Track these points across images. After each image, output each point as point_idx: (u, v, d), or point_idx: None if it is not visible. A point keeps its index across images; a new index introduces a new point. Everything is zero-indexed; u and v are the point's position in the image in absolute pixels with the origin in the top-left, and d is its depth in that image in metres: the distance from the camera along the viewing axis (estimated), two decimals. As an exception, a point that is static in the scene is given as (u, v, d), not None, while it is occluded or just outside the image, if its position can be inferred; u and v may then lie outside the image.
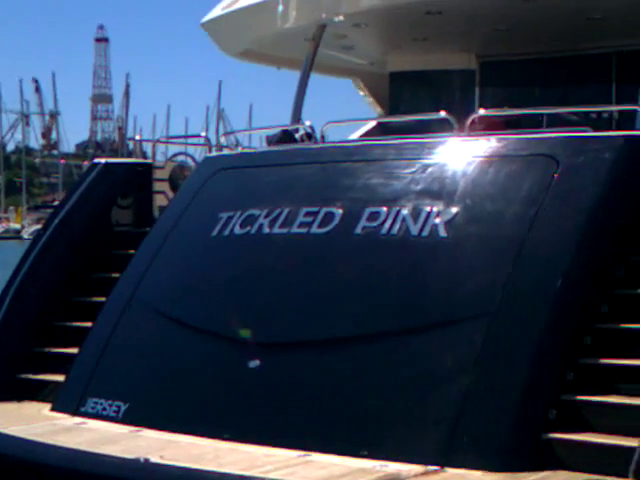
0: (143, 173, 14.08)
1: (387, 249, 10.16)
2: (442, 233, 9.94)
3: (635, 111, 10.99)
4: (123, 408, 10.25)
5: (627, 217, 9.97)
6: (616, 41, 12.85)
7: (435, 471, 8.19)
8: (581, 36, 13.48)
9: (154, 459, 8.58)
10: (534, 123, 11.79)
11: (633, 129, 10.83)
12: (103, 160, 14.42)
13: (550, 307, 9.15)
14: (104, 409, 10.36)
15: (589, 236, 9.59)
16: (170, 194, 13.69)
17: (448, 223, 9.99)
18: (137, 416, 10.07)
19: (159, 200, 13.85)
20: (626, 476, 7.62)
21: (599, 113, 11.98)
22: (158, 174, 14.15)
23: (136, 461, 8.56)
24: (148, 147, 19.39)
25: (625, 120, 11.20)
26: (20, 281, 12.41)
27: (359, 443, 8.65)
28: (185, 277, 11.47)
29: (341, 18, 14.07)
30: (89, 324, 11.63)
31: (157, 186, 14.01)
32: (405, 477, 8.01)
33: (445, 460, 8.31)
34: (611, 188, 9.93)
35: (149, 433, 9.64)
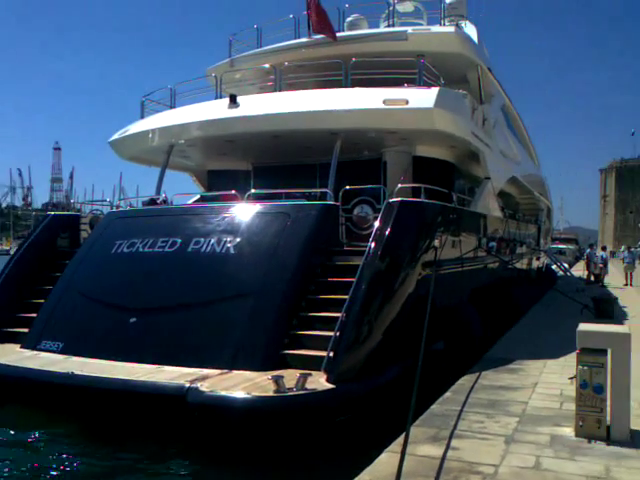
0: (74, 220, 13.24)
1: (204, 259, 9.86)
2: (232, 251, 9.82)
3: (326, 192, 11.28)
4: (61, 346, 9.51)
5: (321, 242, 10.15)
6: (318, 158, 13.16)
7: (227, 372, 8.06)
8: (302, 155, 13.72)
9: (77, 372, 8.08)
10: (279, 197, 11.87)
11: (325, 200, 11.12)
12: (52, 213, 13.52)
13: (285, 287, 9.17)
14: (50, 346, 9.58)
15: (304, 251, 9.69)
16: (89, 231, 12.90)
17: (235, 246, 9.88)
18: (68, 349, 9.33)
19: (84, 234, 13.04)
20: (319, 369, 7.77)
21: (310, 193, 12.21)
22: (83, 220, 13.32)
23: (67, 374, 8.07)
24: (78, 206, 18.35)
25: (322, 196, 11.47)
26: (6, 275, 11.45)
27: (188, 361, 8.35)
28: (96, 274, 10.74)
29: (182, 141, 13.78)
30: (42, 300, 10.74)
31: (82, 227, 13.20)
32: (211, 375, 7.83)
33: (232, 367, 8.19)
34: (315, 229, 10.09)
35: (74, 359, 8.96)
